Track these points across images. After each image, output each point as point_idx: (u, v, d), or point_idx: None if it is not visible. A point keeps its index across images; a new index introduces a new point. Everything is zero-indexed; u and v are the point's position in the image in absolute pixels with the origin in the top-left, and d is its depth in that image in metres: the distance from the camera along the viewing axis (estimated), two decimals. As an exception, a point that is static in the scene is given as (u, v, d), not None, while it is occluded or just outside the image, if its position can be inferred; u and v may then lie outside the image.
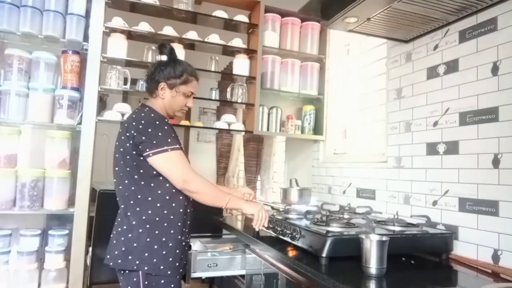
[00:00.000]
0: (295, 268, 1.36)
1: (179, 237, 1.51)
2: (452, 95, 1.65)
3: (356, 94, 2.55)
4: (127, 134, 1.46)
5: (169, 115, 1.63)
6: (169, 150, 1.44)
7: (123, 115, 2.21)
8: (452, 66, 1.66)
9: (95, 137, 2.01)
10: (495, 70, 1.46)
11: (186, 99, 1.63)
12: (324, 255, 1.34)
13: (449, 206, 1.62)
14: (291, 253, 1.49)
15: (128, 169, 1.49)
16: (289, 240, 1.57)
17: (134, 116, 1.53)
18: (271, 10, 2.53)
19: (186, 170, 1.46)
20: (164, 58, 1.63)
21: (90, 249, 2.48)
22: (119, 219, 1.53)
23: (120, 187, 1.52)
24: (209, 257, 1.79)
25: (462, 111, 1.59)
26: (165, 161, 1.44)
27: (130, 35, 2.26)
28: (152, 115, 1.52)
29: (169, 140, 1.45)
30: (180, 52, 2.31)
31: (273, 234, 1.70)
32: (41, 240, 1.98)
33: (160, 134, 1.45)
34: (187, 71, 1.60)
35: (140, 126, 1.45)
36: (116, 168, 1.54)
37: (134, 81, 2.31)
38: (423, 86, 1.82)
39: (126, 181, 1.49)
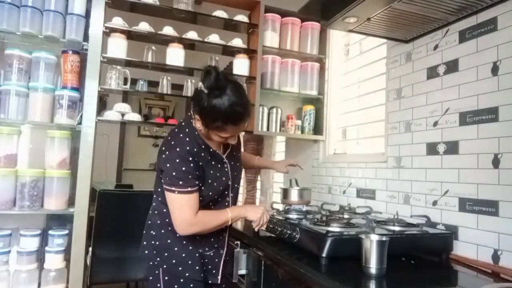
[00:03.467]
0: (295, 268, 1.36)
1: (202, 243, 1.52)
2: (452, 95, 1.65)
3: (356, 94, 2.55)
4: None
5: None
6: (175, 192, 1.39)
7: (123, 115, 2.21)
8: (452, 66, 1.66)
9: (95, 137, 2.01)
10: (495, 70, 1.46)
11: (223, 139, 1.44)
12: (324, 255, 1.34)
13: (449, 206, 1.62)
14: (291, 253, 1.49)
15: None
16: (289, 240, 1.57)
17: (169, 137, 1.48)
18: (271, 10, 2.53)
19: (185, 217, 1.40)
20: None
21: (90, 249, 2.48)
22: (150, 212, 1.58)
23: (158, 184, 1.54)
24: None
25: (462, 111, 1.59)
26: (170, 201, 1.43)
27: (130, 35, 2.26)
28: (178, 149, 1.40)
29: (180, 182, 1.38)
30: (180, 52, 2.31)
31: (273, 234, 1.70)
32: (41, 240, 1.98)
33: (174, 173, 1.39)
34: (220, 119, 1.35)
35: (164, 156, 1.42)
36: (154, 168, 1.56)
37: (134, 81, 2.31)
38: (423, 86, 1.82)
39: (157, 181, 1.52)
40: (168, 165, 1.41)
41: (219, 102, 1.33)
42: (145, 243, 1.53)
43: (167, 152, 1.43)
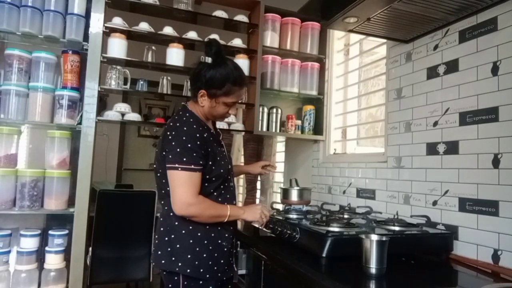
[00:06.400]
0: (295, 268, 1.36)
1: (219, 241, 1.50)
2: (452, 95, 1.65)
3: (356, 94, 2.55)
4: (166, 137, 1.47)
5: (210, 119, 1.60)
6: (179, 168, 1.39)
7: (123, 115, 2.21)
8: (452, 66, 1.66)
9: (95, 137, 2.01)
10: (495, 70, 1.46)
11: (228, 107, 1.54)
12: (324, 255, 1.34)
13: (449, 206, 1.62)
14: (291, 253, 1.49)
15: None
16: (289, 240, 1.57)
17: (171, 123, 1.50)
18: (271, 10, 2.53)
19: (185, 196, 1.39)
20: (209, 59, 1.51)
21: (90, 249, 2.49)
22: (161, 219, 1.53)
23: (161, 186, 1.51)
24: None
25: (462, 111, 1.59)
26: (171, 179, 1.42)
27: (130, 35, 2.25)
28: (185, 128, 1.45)
29: (184, 159, 1.39)
30: (180, 52, 2.31)
31: (273, 234, 1.70)
32: (41, 240, 1.98)
33: (178, 150, 1.40)
34: (229, 80, 1.48)
35: (170, 137, 1.44)
36: (155, 166, 1.53)
37: (134, 81, 2.31)
38: (423, 86, 1.82)
39: (164, 181, 1.48)
40: (173, 143, 1.42)
41: (225, 67, 1.49)
42: (159, 252, 1.47)
43: (173, 133, 1.44)
